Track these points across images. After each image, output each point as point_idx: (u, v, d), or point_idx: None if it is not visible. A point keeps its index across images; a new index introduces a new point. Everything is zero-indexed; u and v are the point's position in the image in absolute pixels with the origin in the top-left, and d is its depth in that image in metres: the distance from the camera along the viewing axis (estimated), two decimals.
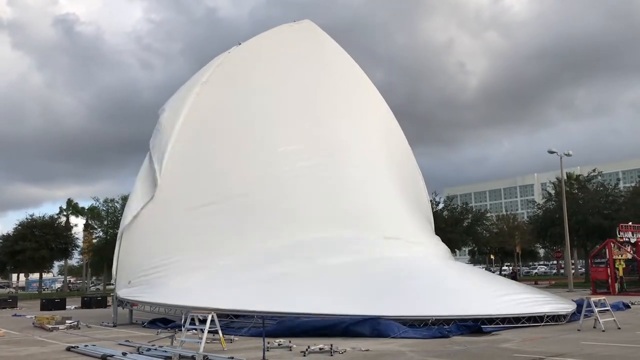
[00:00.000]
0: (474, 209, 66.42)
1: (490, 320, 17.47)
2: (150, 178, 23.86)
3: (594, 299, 18.00)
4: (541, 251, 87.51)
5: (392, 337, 15.96)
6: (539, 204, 56.49)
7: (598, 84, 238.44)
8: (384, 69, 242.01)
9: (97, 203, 66.64)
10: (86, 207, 72.77)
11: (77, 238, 64.14)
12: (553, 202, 51.47)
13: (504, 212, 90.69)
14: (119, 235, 24.01)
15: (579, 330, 16.69)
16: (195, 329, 15.10)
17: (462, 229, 55.40)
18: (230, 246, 21.66)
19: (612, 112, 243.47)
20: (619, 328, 16.79)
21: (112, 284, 25.70)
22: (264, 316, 17.70)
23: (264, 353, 12.79)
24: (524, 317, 17.94)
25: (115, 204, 61.60)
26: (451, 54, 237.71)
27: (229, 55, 27.90)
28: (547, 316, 18.26)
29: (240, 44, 28.58)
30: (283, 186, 23.58)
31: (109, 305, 24.36)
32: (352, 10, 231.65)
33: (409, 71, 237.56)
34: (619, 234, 34.68)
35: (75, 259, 77.34)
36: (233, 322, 20.10)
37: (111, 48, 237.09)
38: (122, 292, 22.27)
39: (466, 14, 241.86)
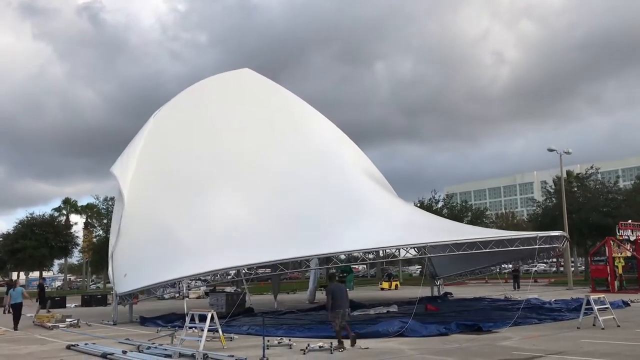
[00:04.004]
0: (473, 207, 66.43)
1: (485, 243, 20.10)
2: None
3: (593, 296, 18.03)
4: None
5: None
6: (538, 202, 56.50)
7: (630, 77, 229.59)
8: (414, 59, 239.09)
9: (97, 201, 66.59)
10: (86, 206, 72.74)
11: (77, 236, 64.16)
12: (552, 200, 51.50)
13: (504, 210, 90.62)
14: (109, 254, 24.68)
15: (578, 328, 16.72)
16: (196, 327, 15.11)
17: None
18: (215, 231, 22.98)
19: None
20: (619, 326, 16.81)
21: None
22: (264, 313, 17.86)
23: (263, 351, 12.81)
24: (517, 240, 20.31)
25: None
26: (483, 45, 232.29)
27: (175, 100, 30.64)
28: (540, 238, 20.63)
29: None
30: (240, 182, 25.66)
31: (109, 304, 24.41)
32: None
33: (438, 63, 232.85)
34: (619, 232, 34.61)
35: (76, 258, 77.42)
36: (235, 319, 20.24)
37: (136, 38, 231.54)
38: (123, 287, 22.36)
39: (500, 4, 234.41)
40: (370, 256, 27.06)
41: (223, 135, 27.74)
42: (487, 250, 20.53)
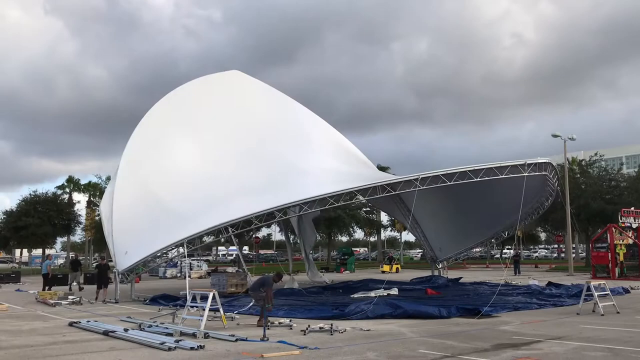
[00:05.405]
0: None
1: (476, 171, 22.02)
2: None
3: (594, 283, 18.06)
4: (542, 235, 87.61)
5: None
6: None
7: None
8: (429, 40, 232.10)
9: (100, 180, 66.59)
10: (88, 185, 72.80)
11: (79, 215, 64.27)
12: None
13: None
14: (107, 234, 24.84)
15: (578, 314, 16.77)
16: (197, 307, 15.19)
17: None
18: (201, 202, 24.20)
19: None
20: (618, 312, 16.87)
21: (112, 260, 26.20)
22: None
23: (264, 331, 12.90)
24: (507, 167, 22.24)
25: None
26: (501, 27, 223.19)
27: (169, 96, 31.46)
28: (529, 166, 22.26)
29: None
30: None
31: (111, 282, 24.60)
32: None
33: (454, 44, 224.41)
34: (621, 219, 34.61)
35: (78, 236, 77.60)
36: (236, 299, 20.36)
37: (149, 14, 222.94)
38: (124, 263, 22.49)
39: None
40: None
41: (206, 131, 28.89)
42: (477, 179, 22.04)
